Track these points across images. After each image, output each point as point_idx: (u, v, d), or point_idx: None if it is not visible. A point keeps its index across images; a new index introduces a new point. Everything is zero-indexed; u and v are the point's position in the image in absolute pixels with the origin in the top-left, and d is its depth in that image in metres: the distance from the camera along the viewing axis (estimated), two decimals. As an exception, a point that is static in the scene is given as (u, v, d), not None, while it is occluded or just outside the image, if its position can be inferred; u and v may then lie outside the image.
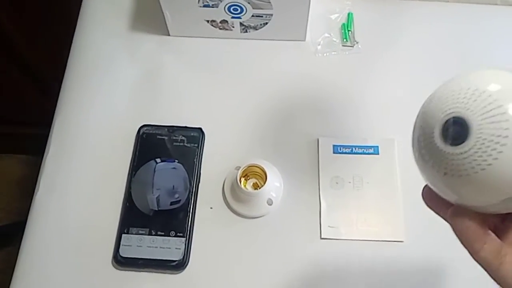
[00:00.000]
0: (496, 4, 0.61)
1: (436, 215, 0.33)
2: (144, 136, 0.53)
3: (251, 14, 0.54)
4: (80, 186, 0.52)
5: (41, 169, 0.53)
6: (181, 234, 0.48)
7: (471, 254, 0.28)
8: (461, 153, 0.25)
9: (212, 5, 0.53)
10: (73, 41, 0.60)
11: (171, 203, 0.50)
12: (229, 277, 0.48)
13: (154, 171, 0.51)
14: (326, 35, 0.58)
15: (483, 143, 0.24)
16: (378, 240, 0.49)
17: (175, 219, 0.49)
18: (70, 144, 0.54)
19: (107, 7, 0.61)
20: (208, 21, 0.56)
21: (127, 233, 0.48)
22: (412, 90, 0.56)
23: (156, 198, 0.50)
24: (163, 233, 0.48)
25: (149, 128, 0.53)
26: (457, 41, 0.59)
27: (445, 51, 0.58)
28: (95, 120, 0.55)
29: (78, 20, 0.61)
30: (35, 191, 0.52)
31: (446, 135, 0.26)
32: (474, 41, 0.59)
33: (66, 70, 0.58)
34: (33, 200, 0.52)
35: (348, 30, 0.58)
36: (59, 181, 0.52)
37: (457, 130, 0.25)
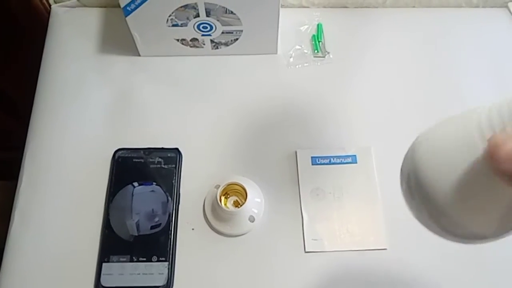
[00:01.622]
0: (462, 7, 0.62)
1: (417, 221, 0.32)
2: (119, 160, 0.52)
3: (221, 31, 0.54)
4: (57, 215, 0.50)
5: (15, 200, 0.52)
6: (163, 259, 0.47)
7: None
8: None
9: (181, 24, 0.52)
10: (41, 65, 0.58)
11: (152, 227, 0.49)
12: (215, 298, 0.47)
13: (132, 195, 0.50)
14: (297, 47, 0.58)
15: None
16: (362, 250, 0.49)
17: (156, 244, 0.48)
18: (44, 172, 0.52)
19: (74, 30, 0.60)
20: (178, 39, 0.55)
21: (108, 261, 0.47)
22: (385, 96, 0.57)
23: (136, 223, 0.49)
24: (145, 259, 0.47)
25: (125, 151, 0.52)
26: (426, 45, 0.59)
27: (416, 56, 0.59)
28: (68, 146, 0.54)
29: (45, 43, 0.60)
30: (10, 222, 0.50)
31: None
32: (443, 44, 0.60)
33: (36, 97, 0.57)
34: (8, 231, 0.50)
35: (319, 41, 0.58)
36: (35, 211, 0.51)
37: None
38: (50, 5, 0.61)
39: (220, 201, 0.48)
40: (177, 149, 0.52)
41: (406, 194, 0.31)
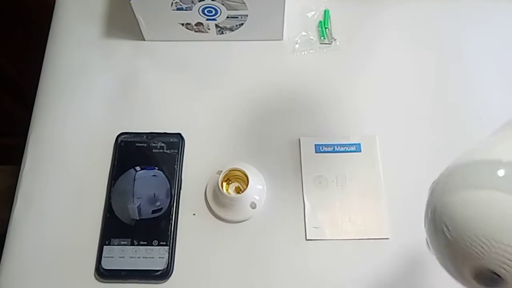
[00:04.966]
0: (472, -4, 0.61)
1: (420, 210, 0.31)
2: (122, 144, 0.52)
3: (226, 16, 0.53)
4: (59, 198, 0.51)
5: (18, 183, 0.52)
6: (164, 243, 0.47)
7: None
8: None
9: (186, 8, 0.52)
10: (46, 50, 0.58)
11: (153, 212, 0.49)
12: (215, 284, 0.47)
13: (134, 179, 0.50)
14: (303, 33, 0.57)
15: None
16: (364, 239, 0.49)
17: (157, 228, 0.48)
18: (47, 156, 0.52)
19: (79, 14, 0.60)
20: (183, 24, 0.55)
21: (109, 244, 0.47)
22: (391, 85, 0.56)
23: (137, 207, 0.49)
24: (145, 243, 0.47)
25: (127, 135, 0.52)
26: (435, 33, 0.58)
27: (423, 44, 0.58)
28: (72, 130, 0.54)
29: (50, 28, 0.60)
30: (13, 205, 0.51)
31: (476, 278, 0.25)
32: (452, 32, 0.58)
33: (40, 81, 0.57)
34: (11, 215, 0.50)
35: (325, 28, 0.57)
36: (37, 194, 0.51)
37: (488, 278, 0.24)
38: (56, -12, 0.61)
39: (222, 187, 0.48)
40: (179, 134, 0.52)
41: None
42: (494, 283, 0.24)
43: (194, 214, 0.50)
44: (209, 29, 0.55)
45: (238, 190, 0.50)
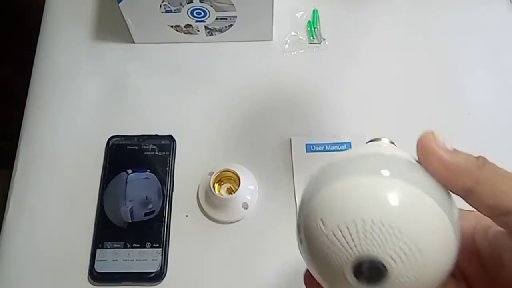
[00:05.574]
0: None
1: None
2: (113, 147, 0.52)
3: (215, 17, 0.53)
4: (51, 203, 0.50)
5: (10, 187, 0.52)
6: (157, 245, 0.48)
7: None
8: None
9: (174, 10, 0.52)
10: (36, 53, 0.58)
11: (145, 214, 0.49)
12: (209, 284, 0.47)
13: (126, 182, 0.50)
14: (293, 33, 0.58)
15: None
16: (355, 237, 0.49)
17: (150, 230, 0.48)
18: (38, 160, 0.52)
19: (68, 17, 0.60)
20: (172, 26, 0.55)
21: (102, 247, 0.47)
22: (381, 83, 0.56)
23: (130, 210, 0.49)
24: (138, 245, 0.47)
25: (119, 138, 0.52)
26: (424, 31, 0.59)
27: (413, 42, 0.58)
28: (63, 133, 0.54)
29: (40, 31, 0.60)
30: (6, 209, 0.51)
31: (359, 275, 0.22)
32: (441, 30, 0.59)
33: (31, 84, 0.57)
34: (3, 220, 0.50)
35: (314, 27, 0.58)
36: (29, 199, 0.51)
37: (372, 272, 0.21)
38: (44, -9, 0.61)
39: (214, 188, 0.48)
40: (171, 136, 0.52)
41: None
42: (376, 279, 0.21)
43: (186, 216, 0.50)
44: (198, 30, 0.55)
45: (230, 191, 0.50)
